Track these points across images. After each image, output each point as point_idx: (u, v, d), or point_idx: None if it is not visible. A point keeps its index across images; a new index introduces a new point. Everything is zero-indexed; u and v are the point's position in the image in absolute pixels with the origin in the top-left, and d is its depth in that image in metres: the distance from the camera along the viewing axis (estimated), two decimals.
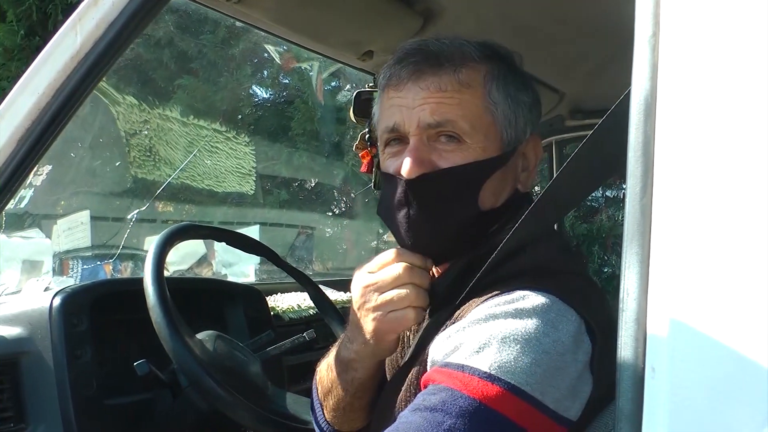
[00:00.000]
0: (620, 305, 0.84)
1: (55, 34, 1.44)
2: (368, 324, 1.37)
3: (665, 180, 0.82)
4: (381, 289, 1.35)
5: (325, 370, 1.52)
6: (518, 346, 1.15)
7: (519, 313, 1.19)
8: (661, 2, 0.85)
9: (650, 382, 0.81)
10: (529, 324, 1.18)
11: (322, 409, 1.57)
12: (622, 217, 0.86)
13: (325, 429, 1.58)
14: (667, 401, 0.80)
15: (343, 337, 1.49)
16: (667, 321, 0.81)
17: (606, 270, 7.96)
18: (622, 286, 0.84)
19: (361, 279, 1.39)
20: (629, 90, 0.87)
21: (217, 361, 1.85)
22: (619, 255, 0.86)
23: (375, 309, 1.35)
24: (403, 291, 1.34)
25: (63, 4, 6.82)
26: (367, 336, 1.38)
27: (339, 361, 1.48)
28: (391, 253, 1.39)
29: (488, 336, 1.18)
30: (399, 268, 1.36)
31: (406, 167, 1.36)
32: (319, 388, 1.56)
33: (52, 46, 1.43)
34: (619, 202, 7.97)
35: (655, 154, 0.83)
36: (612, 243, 7.99)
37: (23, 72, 1.46)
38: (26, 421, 1.88)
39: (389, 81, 1.43)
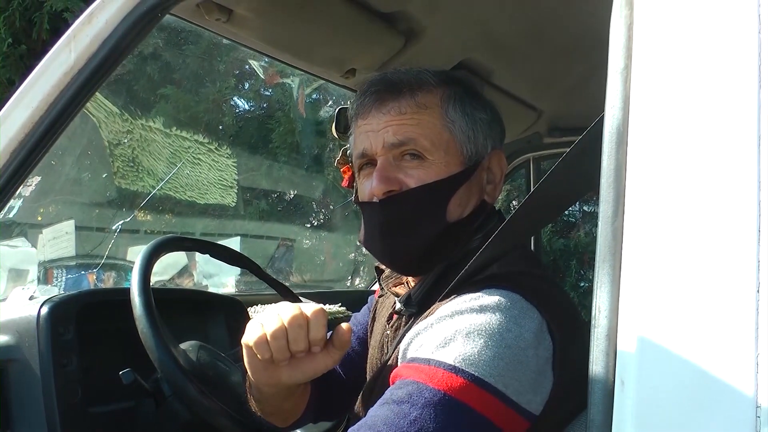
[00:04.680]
0: (592, 322, 0.89)
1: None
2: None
3: (636, 205, 0.87)
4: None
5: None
6: (482, 340, 1.22)
7: (483, 309, 1.26)
8: (633, 37, 0.90)
9: (620, 395, 0.86)
10: (493, 319, 1.24)
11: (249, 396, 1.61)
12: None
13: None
14: (635, 412, 0.84)
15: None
16: (636, 337, 0.85)
17: (583, 285, 7.98)
18: (594, 304, 0.89)
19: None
20: (602, 116, 0.92)
21: (201, 370, 1.87)
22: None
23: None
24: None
25: (49, 14, 6.77)
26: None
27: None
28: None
29: (454, 331, 1.24)
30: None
31: (374, 184, 1.47)
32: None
33: (47, 61, 1.46)
34: (596, 218, 7.98)
35: (627, 180, 0.88)
36: (589, 258, 8.00)
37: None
38: (12, 427, 1.89)
39: (357, 111, 1.55)
